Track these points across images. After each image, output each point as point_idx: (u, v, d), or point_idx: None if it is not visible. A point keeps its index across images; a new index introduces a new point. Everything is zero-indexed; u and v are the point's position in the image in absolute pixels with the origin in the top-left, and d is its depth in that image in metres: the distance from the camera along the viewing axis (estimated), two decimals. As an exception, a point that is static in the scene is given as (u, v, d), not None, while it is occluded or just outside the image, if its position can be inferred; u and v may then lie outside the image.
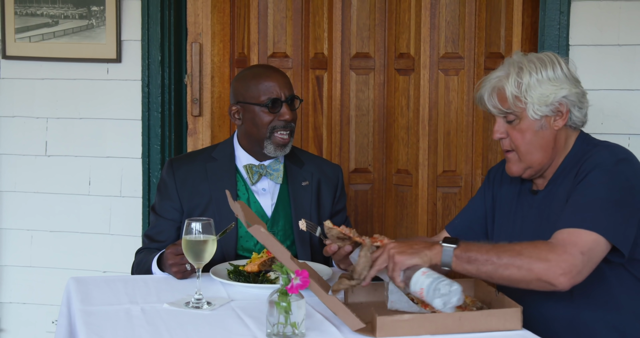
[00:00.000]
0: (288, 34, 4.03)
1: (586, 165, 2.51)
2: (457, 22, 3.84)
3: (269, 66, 3.26)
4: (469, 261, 2.35)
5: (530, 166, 2.63)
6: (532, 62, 2.59)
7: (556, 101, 2.56)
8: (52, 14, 4.02)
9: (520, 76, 2.57)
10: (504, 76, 2.60)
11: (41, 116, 4.12)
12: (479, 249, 2.36)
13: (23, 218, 4.18)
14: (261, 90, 3.08)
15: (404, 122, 3.93)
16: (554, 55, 2.64)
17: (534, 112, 2.57)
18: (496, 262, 2.34)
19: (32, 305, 4.20)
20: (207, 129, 4.08)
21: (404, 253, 2.34)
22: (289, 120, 3.07)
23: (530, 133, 2.59)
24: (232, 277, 2.74)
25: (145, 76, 3.98)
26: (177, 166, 3.15)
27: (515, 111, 2.59)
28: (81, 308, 2.48)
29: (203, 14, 4.05)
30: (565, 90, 2.57)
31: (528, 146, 2.60)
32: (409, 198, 3.96)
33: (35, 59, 4.07)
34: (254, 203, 3.12)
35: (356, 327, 2.23)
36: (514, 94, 2.57)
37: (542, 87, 2.56)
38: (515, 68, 2.59)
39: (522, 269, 2.33)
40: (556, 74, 2.58)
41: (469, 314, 2.26)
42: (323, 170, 3.25)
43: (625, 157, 2.54)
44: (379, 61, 3.98)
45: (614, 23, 3.49)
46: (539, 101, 2.56)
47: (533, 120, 2.58)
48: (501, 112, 2.61)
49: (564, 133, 2.63)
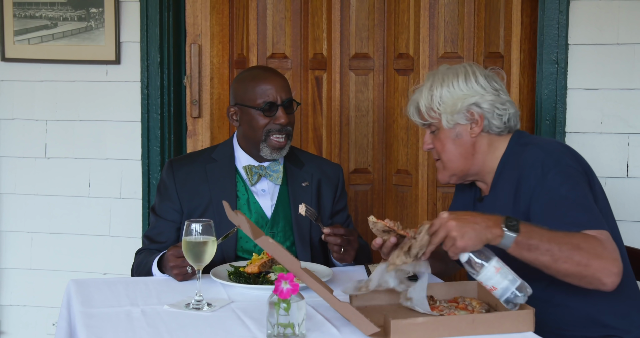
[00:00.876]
0: (287, 34, 4.03)
1: (528, 170, 2.55)
2: (456, 22, 3.84)
3: (268, 68, 3.24)
4: (529, 250, 2.32)
5: (453, 173, 2.74)
6: (445, 74, 2.70)
7: (464, 108, 2.66)
8: (51, 16, 4.02)
9: (432, 89, 2.69)
10: (420, 89, 2.74)
11: (41, 118, 4.12)
12: (541, 237, 2.32)
13: (23, 221, 4.18)
14: (257, 93, 3.07)
15: (403, 122, 3.93)
16: (470, 65, 2.73)
17: (447, 121, 2.68)
18: (556, 254, 2.32)
19: (32, 307, 4.20)
20: (207, 130, 4.08)
21: (464, 236, 2.26)
22: (284, 124, 3.06)
23: (448, 141, 2.70)
24: (232, 278, 2.74)
25: (145, 77, 3.98)
26: (177, 167, 3.15)
27: (432, 122, 2.71)
28: (82, 310, 2.48)
29: (202, 15, 4.05)
30: (475, 98, 2.66)
31: (448, 154, 2.71)
32: (408, 199, 3.95)
33: (35, 62, 4.07)
34: (254, 204, 3.12)
35: (370, 331, 2.21)
36: (427, 105, 2.71)
37: (452, 96, 2.67)
38: (430, 81, 2.72)
39: (580, 265, 2.32)
40: (468, 84, 2.67)
41: (482, 317, 2.25)
42: (323, 170, 3.25)
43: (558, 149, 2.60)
44: (378, 62, 3.98)
45: (613, 22, 3.49)
46: (450, 110, 2.66)
47: (448, 129, 2.69)
48: (422, 124, 2.76)
49: (485, 139, 2.70)
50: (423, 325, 2.22)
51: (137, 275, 3.01)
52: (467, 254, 2.28)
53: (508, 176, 2.64)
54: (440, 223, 2.29)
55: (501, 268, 2.26)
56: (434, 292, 2.52)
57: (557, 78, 3.53)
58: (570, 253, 2.32)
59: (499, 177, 2.68)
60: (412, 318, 2.24)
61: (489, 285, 2.26)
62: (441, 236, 2.28)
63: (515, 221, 2.32)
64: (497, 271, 2.25)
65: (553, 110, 3.54)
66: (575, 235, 2.36)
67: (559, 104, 3.55)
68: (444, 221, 2.28)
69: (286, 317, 2.18)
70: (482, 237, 2.28)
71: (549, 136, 3.55)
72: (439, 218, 2.29)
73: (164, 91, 4.00)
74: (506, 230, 2.30)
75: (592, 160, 3.37)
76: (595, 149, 3.53)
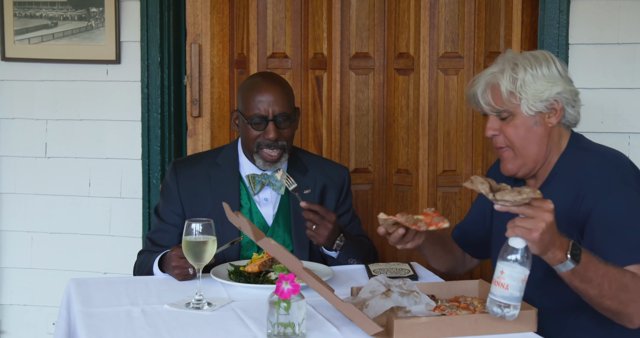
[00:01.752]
0: (287, 34, 4.03)
1: (594, 180, 2.48)
2: (456, 22, 3.84)
3: (270, 77, 3.12)
4: (582, 281, 2.28)
5: (525, 163, 2.60)
6: (526, 59, 2.57)
7: (551, 97, 2.54)
8: (51, 15, 4.02)
9: (515, 72, 2.54)
10: (498, 72, 2.57)
11: (41, 117, 4.12)
12: (596, 271, 2.27)
13: (23, 220, 4.18)
14: (250, 104, 3.01)
15: (403, 122, 3.93)
16: (549, 53, 2.62)
17: (529, 108, 2.54)
18: (605, 290, 2.29)
19: (32, 306, 4.20)
20: (207, 130, 4.08)
21: (543, 234, 2.16)
22: (272, 139, 2.99)
23: (524, 128, 2.57)
24: (232, 278, 2.74)
25: (145, 77, 3.98)
26: (181, 170, 3.12)
27: (509, 107, 2.56)
28: (82, 309, 2.47)
29: (202, 14, 4.05)
30: (560, 87, 2.54)
31: (523, 141, 2.57)
32: (409, 198, 3.95)
33: (35, 61, 4.07)
34: (256, 214, 3.09)
35: (373, 331, 2.21)
36: (508, 89, 2.54)
37: (536, 83, 2.53)
38: (510, 64, 2.57)
39: (621, 304, 2.31)
40: (551, 71, 2.56)
41: (485, 317, 2.25)
42: (328, 175, 3.19)
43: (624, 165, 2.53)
44: (378, 61, 3.98)
45: (613, 22, 3.49)
46: (533, 96, 2.53)
47: (527, 116, 2.55)
48: (494, 109, 2.59)
49: (557, 131, 2.61)
50: (426, 324, 2.22)
51: (139, 275, 3.01)
52: (524, 243, 2.17)
53: (566, 177, 2.56)
54: (542, 206, 2.17)
55: (525, 282, 2.18)
56: (435, 292, 2.51)
57: (558, 78, 3.52)
58: (617, 292, 2.30)
59: (554, 176, 2.60)
60: (416, 318, 2.24)
61: (504, 280, 2.16)
62: (532, 214, 2.16)
63: (579, 250, 2.26)
64: (523, 280, 2.17)
65: (553, 110, 3.54)
66: (626, 274, 2.32)
67: (560, 104, 3.54)
68: (546, 208, 2.17)
69: (286, 317, 2.18)
70: (547, 250, 2.22)
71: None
72: (546, 202, 2.17)
73: (164, 90, 4.00)
74: (569, 258, 2.24)
75: (593, 160, 3.37)
76: (596, 149, 3.52)
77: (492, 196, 2.18)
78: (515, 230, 2.17)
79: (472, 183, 2.22)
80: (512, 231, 2.17)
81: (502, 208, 2.20)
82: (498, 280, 2.17)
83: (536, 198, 2.17)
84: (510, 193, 2.16)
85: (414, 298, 2.36)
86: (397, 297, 2.35)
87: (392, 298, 2.35)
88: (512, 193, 2.16)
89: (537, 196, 2.17)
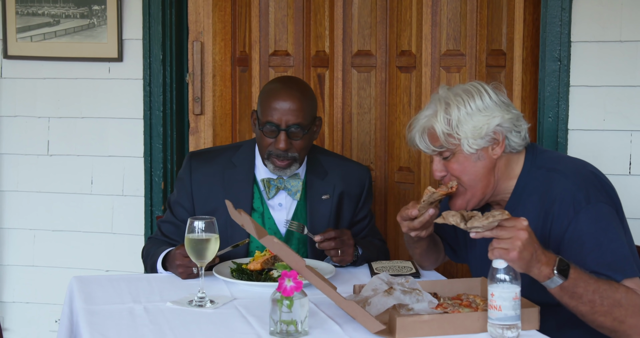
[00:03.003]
0: (289, 32, 4.03)
1: (558, 206, 2.45)
2: (458, 20, 3.83)
3: (290, 84, 2.97)
4: (572, 297, 2.28)
5: (474, 195, 2.56)
6: (458, 96, 2.52)
7: (490, 131, 2.50)
8: (53, 13, 4.02)
9: (448, 112, 2.50)
10: (432, 114, 2.53)
11: (43, 115, 4.12)
12: (586, 286, 2.27)
13: (25, 218, 4.18)
14: (265, 110, 2.90)
15: (405, 120, 3.93)
16: (480, 83, 2.57)
17: (469, 146, 2.50)
18: (597, 306, 2.29)
19: (35, 304, 4.20)
20: (209, 127, 4.08)
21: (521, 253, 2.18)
22: (282, 149, 2.89)
23: (468, 164, 2.53)
24: (235, 275, 2.74)
25: (147, 74, 3.98)
26: (196, 166, 3.04)
27: (449, 148, 2.53)
28: (85, 307, 2.48)
29: (204, 12, 4.05)
30: (498, 118, 2.50)
31: (469, 176, 2.54)
32: (411, 196, 3.95)
33: (37, 59, 4.07)
34: (268, 219, 3.03)
35: (376, 329, 2.21)
36: (445, 132, 2.50)
37: (473, 120, 2.50)
38: (442, 104, 2.52)
39: (615, 320, 2.30)
40: (485, 103, 2.52)
41: (487, 315, 2.25)
42: (347, 179, 3.10)
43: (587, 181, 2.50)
44: (380, 59, 3.98)
45: (616, 19, 3.48)
46: (472, 134, 2.49)
47: (469, 154, 2.52)
48: (435, 151, 2.55)
49: (504, 160, 2.57)
50: (429, 322, 2.22)
51: (145, 263, 3.00)
52: (505, 263, 2.20)
53: (530, 202, 2.54)
54: (516, 225, 2.20)
55: (518, 299, 2.18)
56: (437, 289, 2.51)
57: (560, 75, 3.52)
58: (610, 309, 2.29)
59: (518, 201, 2.57)
60: (418, 315, 2.24)
61: (496, 302, 2.18)
62: (505, 235, 2.19)
63: (567, 266, 2.26)
64: (515, 298, 2.17)
65: (556, 107, 3.54)
66: (619, 289, 2.31)
67: (562, 102, 3.54)
68: (520, 226, 2.20)
69: (289, 314, 2.18)
70: (531, 267, 2.23)
71: (552, 133, 3.55)
72: (519, 220, 2.20)
73: (166, 88, 4.00)
74: (556, 274, 2.25)
75: (595, 158, 3.37)
76: (598, 147, 3.52)
77: (463, 226, 2.24)
78: (494, 252, 2.20)
79: (444, 218, 2.29)
80: (492, 254, 2.20)
81: (476, 235, 2.24)
82: (491, 303, 2.19)
83: (507, 219, 2.21)
84: (479, 220, 2.22)
85: (416, 296, 2.36)
86: (400, 295, 2.35)
87: (394, 296, 2.35)
88: (481, 219, 2.22)
89: (505, 217, 2.21)
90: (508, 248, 2.18)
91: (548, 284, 2.27)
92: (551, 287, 2.28)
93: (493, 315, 2.18)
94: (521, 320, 2.22)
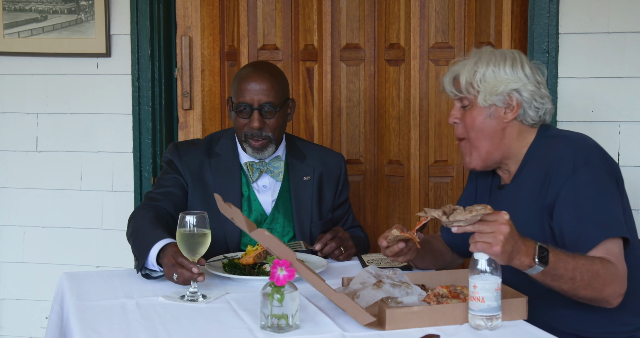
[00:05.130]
0: (278, 26, 4.02)
1: (557, 164, 2.54)
2: (446, 12, 3.84)
3: (261, 67, 3.12)
4: (554, 279, 2.34)
5: (479, 154, 2.68)
6: (493, 55, 2.68)
7: (505, 92, 2.63)
8: (40, 9, 4.01)
9: (477, 65, 2.65)
10: (464, 63, 2.69)
11: (31, 111, 4.11)
12: (566, 266, 2.33)
13: (15, 214, 4.17)
14: (238, 92, 3.03)
15: (395, 112, 3.93)
16: (519, 53, 2.71)
17: (484, 99, 2.64)
18: (578, 281, 2.35)
19: (25, 301, 4.19)
20: (198, 122, 4.08)
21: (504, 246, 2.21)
22: (255, 128, 3.00)
23: (479, 118, 2.66)
24: (227, 270, 2.74)
25: (135, 70, 3.97)
26: (184, 150, 3.11)
27: (467, 96, 2.67)
28: (75, 303, 2.47)
29: (192, 7, 4.04)
30: (517, 84, 2.63)
31: (477, 132, 2.66)
32: (401, 189, 3.96)
33: (25, 55, 4.05)
34: (254, 201, 3.10)
35: (366, 321, 2.22)
36: (467, 80, 2.65)
37: (495, 77, 2.63)
38: (475, 58, 2.68)
39: (595, 290, 2.37)
40: (513, 69, 2.65)
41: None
42: (325, 162, 3.22)
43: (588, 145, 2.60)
44: (369, 52, 3.98)
45: (603, 11, 3.49)
46: (489, 90, 2.63)
47: (482, 107, 2.65)
48: (456, 96, 2.70)
49: (516, 128, 2.67)
50: (418, 313, 2.24)
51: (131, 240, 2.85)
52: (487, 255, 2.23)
53: (534, 167, 2.63)
54: (497, 219, 2.24)
55: (500, 290, 2.22)
56: (425, 281, 2.53)
57: (548, 67, 3.53)
58: (590, 281, 2.36)
59: (524, 167, 2.67)
60: (407, 307, 2.25)
61: (479, 294, 2.20)
62: (487, 230, 2.23)
63: (546, 251, 2.31)
64: (497, 289, 2.21)
65: (544, 99, 3.55)
66: (595, 261, 2.37)
67: (550, 93, 3.53)
68: (501, 220, 2.24)
69: (280, 308, 2.19)
70: (512, 258, 2.26)
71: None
72: (500, 215, 2.24)
73: (155, 83, 3.99)
74: (537, 262, 2.30)
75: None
76: (587, 138, 3.53)
77: (445, 219, 2.26)
78: (476, 245, 2.23)
79: (426, 213, 2.32)
80: (474, 247, 2.24)
81: (458, 229, 2.27)
82: (473, 295, 2.21)
83: (489, 213, 2.24)
84: (461, 213, 2.24)
85: (405, 289, 2.38)
86: (389, 288, 2.37)
87: (383, 289, 2.36)
88: (463, 213, 2.23)
89: (487, 211, 2.23)
90: (491, 242, 2.22)
91: (530, 272, 2.32)
92: (533, 274, 2.33)
93: (475, 307, 2.21)
94: (509, 310, 2.24)
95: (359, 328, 2.24)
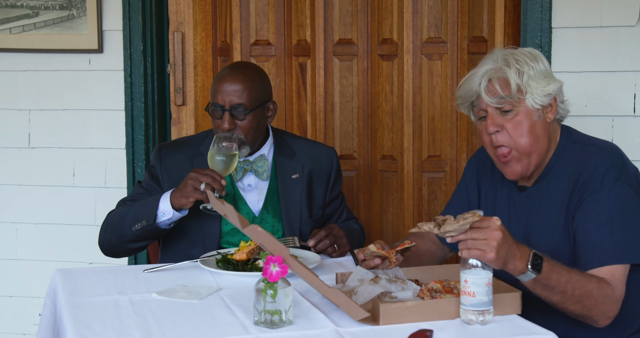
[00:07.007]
0: (270, 21, 4.02)
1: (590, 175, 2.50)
2: (439, 7, 3.83)
3: (237, 68, 3.09)
4: (545, 289, 2.33)
5: (530, 161, 2.56)
6: (524, 55, 2.56)
7: (554, 91, 2.54)
8: (32, 5, 3.99)
9: (520, 65, 2.52)
10: (502, 66, 2.54)
11: (24, 108, 4.10)
12: (559, 279, 2.31)
13: (7, 211, 4.16)
14: (212, 93, 3.02)
15: (388, 108, 3.93)
16: (536, 51, 2.64)
17: (534, 101, 2.51)
18: (568, 295, 2.34)
19: (18, 298, 4.19)
20: (191, 118, 4.07)
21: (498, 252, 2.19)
22: (225, 129, 2.96)
23: (528, 123, 2.53)
24: (220, 266, 2.74)
25: (128, 66, 3.97)
26: (165, 154, 3.11)
27: (512, 101, 2.52)
28: (69, 300, 2.47)
29: (185, 2, 4.03)
30: (557, 82, 2.56)
31: (529, 138, 2.54)
32: (394, 184, 3.96)
33: (17, 51, 4.04)
34: (240, 200, 3.08)
35: (360, 316, 2.21)
36: (517, 82, 2.50)
37: (539, 78, 2.53)
38: (512, 59, 2.54)
39: (584, 308, 2.36)
40: (545, 67, 2.58)
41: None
42: (316, 158, 3.18)
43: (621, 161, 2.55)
44: (362, 47, 3.98)
45: (596, 5, 3.49)
46: (539, 91, 2.52)
47: (532, 110, 2.53)
48: (499, 102, 2.52)
49: (553, 127, 2.62)
50: (412, 308, 2.24)
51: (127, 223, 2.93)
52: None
53: (563, 171, 2.57)
54: (489, 225, 2.21)
55: (491, 284, 2.22)
56: (419, 276, 2.53)
57: (541, 62, 3.52)
58: (580, 298, 2.35)
59: (550, 170, 2.60)
60: (401, 302, 2.25)
61: (470, 288, 2.20)
62: (480, 237, 2.20)
63: (540, 259, 2.29)
64: (488, 284, 2.21)
65: (537, 94, 3.54)
66: (591, 280, 2.36)
67: (543, 88, 3.54)
68: (494, 226, 2.20)
69: (273, 304, 2.19)
70: (506, 263, 2.25)
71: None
72: (491, 221, 2.21)
73: (148, 79, 3.98)
74: (530, 269, 2.28)
75: (577, 143, 3.38)
76: (580, 133, 3.53)
77: (437, 231, 2.25)
78: (470, 252, 2.21)
79: (419, 228, 2.29)
80: (468, 253, 2.22)
81: (452, 239, 2.25)
82: (464, 290, 2.21)
83: (480, 220, 2.22)
84: (451, 223, 2.22)
85: (401, 285, 2.38)
86: (386, 284, 2.37)
87: (380, 284, 2.36)
88: (454, 223, 2.22)
89: (477, 218, 2.22)
90: (485, 249, 2.20)
91: (522, 278, 2.30)
92: (524, 280, 2.31)
93: (467, 302, 2.21)
94: (503, 305, 2.24)
95: (352, 323, 2.23)
